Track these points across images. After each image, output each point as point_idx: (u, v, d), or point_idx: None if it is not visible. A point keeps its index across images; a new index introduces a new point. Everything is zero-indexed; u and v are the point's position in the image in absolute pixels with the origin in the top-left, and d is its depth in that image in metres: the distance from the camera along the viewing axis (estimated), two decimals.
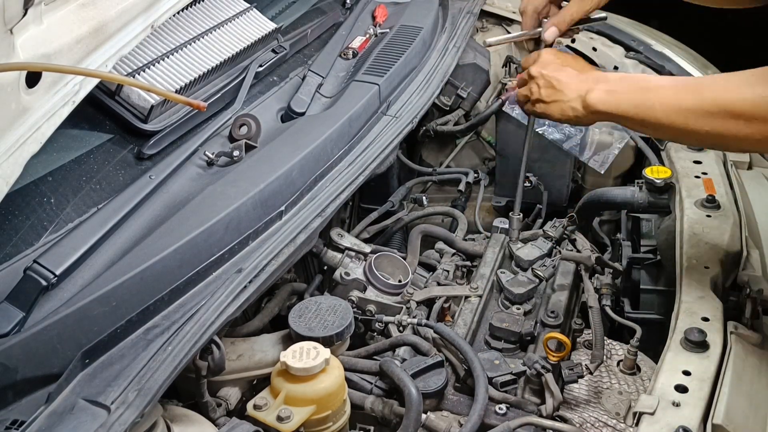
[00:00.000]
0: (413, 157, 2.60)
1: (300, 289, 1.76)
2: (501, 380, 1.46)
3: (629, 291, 1.89)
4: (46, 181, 1.41)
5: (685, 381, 1.28)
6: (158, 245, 1.36)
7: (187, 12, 1.88)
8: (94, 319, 1.23)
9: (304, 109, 1.91)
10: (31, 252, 1.30)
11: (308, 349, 1.32)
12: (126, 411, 1.14)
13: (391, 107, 2.06)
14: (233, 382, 1.45)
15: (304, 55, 2.16)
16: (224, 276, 1.43)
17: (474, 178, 2.33)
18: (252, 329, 1.60)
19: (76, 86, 1.31)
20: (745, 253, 1.61)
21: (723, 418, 1.19)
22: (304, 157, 1.67)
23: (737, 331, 1.39)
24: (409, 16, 2.39)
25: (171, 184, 1.55)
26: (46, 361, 1.19)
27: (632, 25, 2.66)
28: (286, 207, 1.61)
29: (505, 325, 1.59)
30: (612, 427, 1.47)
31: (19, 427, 1.10)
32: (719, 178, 1.87)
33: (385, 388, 1.47)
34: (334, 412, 1.32)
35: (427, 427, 1.39)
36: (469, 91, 2.53)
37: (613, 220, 2.34)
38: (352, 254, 1.83)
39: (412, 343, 1.54)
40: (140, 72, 1.66)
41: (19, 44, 1.21)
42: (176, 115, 1.65)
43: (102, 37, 1.40)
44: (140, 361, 1.23)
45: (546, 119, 1.62)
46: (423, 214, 2.20)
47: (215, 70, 1.80)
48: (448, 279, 1.84)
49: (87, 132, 1.55)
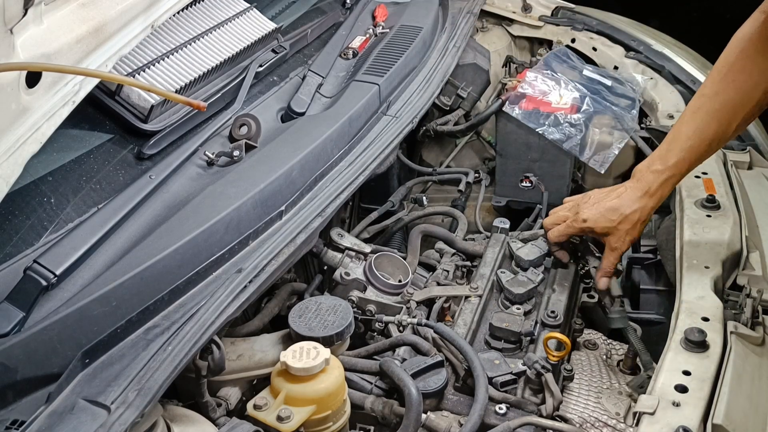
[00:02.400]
0: (413, 157, 2.60)
1: (300, 289, 1.76)
2: (501, 380, 1.46)
3: (629, 291, 1.89)
4: (46, 181, 1.41)
5: (685, 381, 1.28)
6: (158, 245, 1.36)
7: (187, 12, 1.88)
8: (94, 319, 1.23)
9: (304, 109, 1.91)
10: (31, 252, 1.30)
11: (308, 349, 1.31)
12: (126, 411, 1.14)
13: (391, 107, 2.06)
14: (233, 382, 1.45)
15: (304, 55, 2.16)
16: (224, 276, 1.43)
17: (474, 178, 2.33)
18: (252, 329, 1.60)
19: (76, 86, 1.31)
20: (745, 253, 1.61)
21: (723, 418, 1.19)
22: (304, 157, 1.67)
23: (737, 331, 1.39)
24: (409, 16, 2.39)
25: (171, 184, 1.55)
26: (46, 361, 1.19)
27: (632, 25, 2.66)
28: (286, 207, 1.61)
29: (505, 325, 1.59)
30: (612, 427, 1.47)
31: (19, 427, 1.10)
32: (719, 178, 1.87)
33: (385, 388, 1.47)
34: (334, 412, 1.32)
35: (427, 427, 1.39)
36: (469, 91, 2.53)
37: None
38: (352, 254, 1.83)
39: (412, 343, 1.54)
40: (140, 72, 1.66)
41: (19, 44, 1.21)
42: (176, 115, 1.65)
43: (102, 37, 1.40)
44: (140, 361, 1.23)
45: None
46: (423, 214, 2.20)
47: (215, 70, 1.80)
48: (448, 279, 1.83)
49: (87, 132, 1.55)
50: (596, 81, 2.40)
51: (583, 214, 1.68)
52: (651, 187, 1.62)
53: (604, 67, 2.57)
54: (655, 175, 1.61)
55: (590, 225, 1.68)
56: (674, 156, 1.60)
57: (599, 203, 1.67)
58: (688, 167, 1.61)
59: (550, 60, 2.46)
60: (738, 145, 2.17)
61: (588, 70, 2.46)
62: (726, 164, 1.99)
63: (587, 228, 1.69)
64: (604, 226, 1.66)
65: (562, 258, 1.76)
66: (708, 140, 1.57)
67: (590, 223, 1.67)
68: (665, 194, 1.64)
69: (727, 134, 1.58)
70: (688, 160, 1.59)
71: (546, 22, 2.74)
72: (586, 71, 2.45)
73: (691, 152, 1.59)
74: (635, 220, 1.63)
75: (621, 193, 1.65)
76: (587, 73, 2.44)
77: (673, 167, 1.60)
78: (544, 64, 2.44)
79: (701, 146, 1.58)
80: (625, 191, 1.65)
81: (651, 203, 1.63)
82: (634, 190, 1.64)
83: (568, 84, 2.34)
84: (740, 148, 2.11)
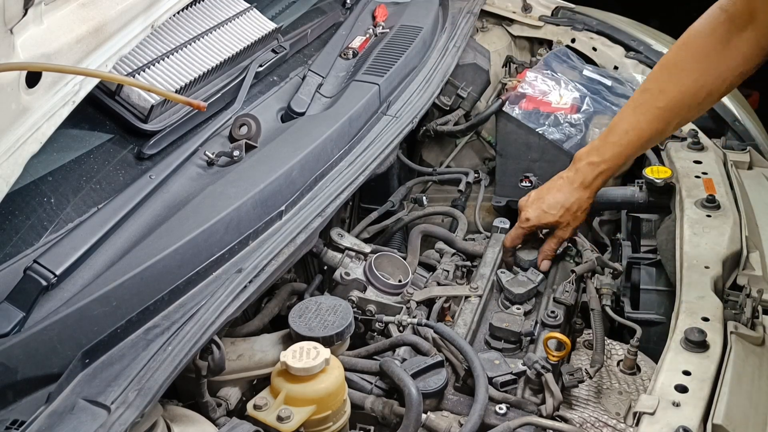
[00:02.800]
0: (413, 157, 2.60)
1: (300, 289, 1.76)
2: (501, 380, 1.46)
3: (629, 291, 1.89)
4: (46, 181, 1.41)
5: (685, 381, 1.28)
6: (158, 245, 1.36)
7: (187, 12, 1.88)
8: (94, 319, 1.23)
9: (304, 109, 1.91)
10: (31, 252, 1.29)
11: (308, 349, 1.31)
12: (126, 411, 1.14)
13: (391, 107, 2.06)
14: (233, 382, 1.45)
15: (304, 55, 2.16)
16: (224, 276, 1.43)
17: (474, 178, 2.33)
18: (252, 329, 1.60)
19: (76, 86, 1.31)
20: (745, 253, 1.61)
21: (723, 418, 1.19)
22: (304, 157, 1.67)
23: (737, 331, 1.39)
24: (409, 16, 2.39)
25: (171, 184, 1.55)
26: (46, 361, 1.18)
27: (632, 25, 2.66)
28: (286, 207, 1.61)
29: (505, 325, 1.59)
30: (612, 427, 1.47)
31: (19, 427, 1.10)
32: (719, 178, 1.87)
33: (385, 388, 1.47)
34: (334, 412, 1.32)
35: (427, 427, 1.39)
36: (469, 91, 2.53)
37: (613, 220, 2.34)
38: (352, 254, 1.83)
39: (412, 343, 1.54)
40: (140, 72, 1.66)
41: (19, 44, 1.21)
42: (176, 115, 1.65)
43: (102, 37, 1.40)
44: (140, 361, 1.23)
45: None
46: (423, 214, 2.20)
47: (215, 70, 1.80)
48: (448, 279, 1.83)
49: (87, 132, 1.55)
50: (596, 81, 2.40)
51: (525, 213, 1.77)
52: (586, 178, 1.72)
53: (604, 67, 2.57)
54: (591, 168, 1.71)
55: (534, 223, 1.76)
56: (610, 150, 1.67)
57: (539, 200, 1.76)
58: (624, 161, 1.70)
59: (550, 60, 2.46)
60: (738, 145, 2.17)
61: (588, 70, 2.47)
62: (726, 164, 1.99)
63: (532, 226, 1.77)
64: (547, 221, 1.75)
65: (544, 269, 1.80)
66: (646, 137, 1.64)
67: (534, 221, 1.76)
68: (599, 185, 1.74)
69: (666, 133, 1.65)
70: (623, 155, 1.67)
71: (546, 22, 2.74)
72: (586, 71, 2.45)
73: (627, 147, 1.66)
74: (575, 210, 1.73)
75: (560, 186, 1.75)
76: (587, 73, 2.45)
77: (609, 160, 1.68)
78: (544, 64, 2.44)
79: (638, 142, 1.65)
80: (563, 185, 1.74)
81: (587, 194, 1.73)
82: (571, 183, 1.73)
83: (568, 84, 2.34)
84: (740, 148, 2.11)
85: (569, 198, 1.73)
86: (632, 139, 1.64)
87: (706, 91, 1.53)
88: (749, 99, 2.87)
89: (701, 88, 1.54)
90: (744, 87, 1.76)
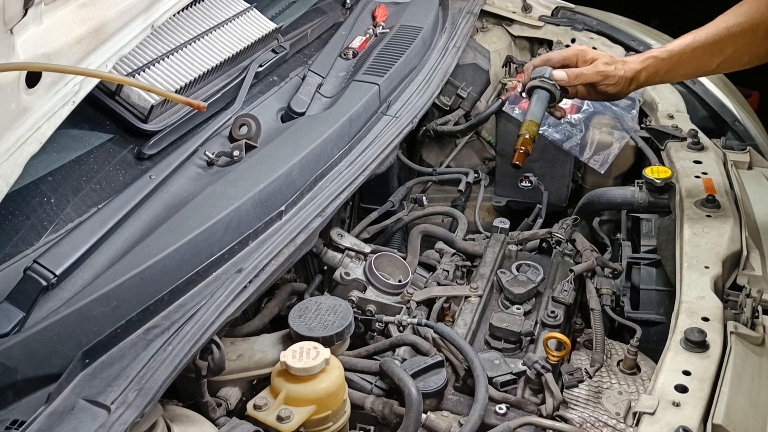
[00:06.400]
0: (413, 157, 2.60)
1: (300, 289, 1.76)
2: (501, 380, 1.46)
3: (629, 291, 1.89)
4: (46, 181, 1.41)
5: (685, 381, 1.28)
6: (158, 245, 1.36)
7: (187, 12, 1.88)
8: (94, 319, 1.23)
9: (304, 109, 1.91)
10: (31, 252, 1.30)
11: (308, 349, 1.32)
12: (126, 411, 1.14)
13: (391, 107, 2.06)
14: (233, 382, 1.45)
15: (304, 55, 2.16)
16: (224, 276, 1.43)
17: (474, 178, 2.33)
18: (252, 329, 1.60)
19: (76, 86, 1.31)
20: (745, 253, 1.61)
21: (723, 418, 1.19)
22: (304, 157, 1.67)
23: (737, 331, 1.39)
24: (409, 16, 2.39)
25: (171, 184, 1.55)
26: (46, 361, 1.19)
27: (632, 25, 2.66)
28: (286, 207, 1.61)
29: (505, 325, 1.59)
30: (612, 427, 1.47)
31: (19, 427, 1.10)
32: (719, 178, 1.87)
33: (385, 388, 1.47)
34: (334, 412, 1.32)
35: (427, 427, 1.39)
36: (469, 91, 2.53)
37: (613, 220, 2.34)
38: (352, 254, 1.83)
39: (412, 343, 1.54)
40: (140, 72, 1.66)
41: (19, 44, 1.21)
42: (176, 115, 1.65)
43: (102, 37, 1.40)
44: (140, 361, 1.23)
45: None
46: (423, 214, 2.20)
47: (215, 70, 1.80)
48: (448, 279, 1.83)
49: (87, 132, 1.55)
50: None
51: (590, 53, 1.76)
52: (635, 59, 1.74)
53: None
54: (635, 59, 1.74)
55: (575, 52, 1.76)
56: (660, 49, 1.73)
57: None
58: (667, 59, 1.71)
59: None
60: (738, 145, 2.17)
61: None
62: (726, 164, 1.99)
63: (572, 54, 1.75)
64: (602, 63, 1.73)
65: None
66: (698, 44, 1.67)
67: (592, 54, 1.75)
68: (640, 70, 1.71)
69: (713, 59, 1.68)
70: (671, 53, 1.70)
71: (546, 22, 2.74)
72: None
73: (676, 47, 1.70)
74: (620, 74, 1.71)
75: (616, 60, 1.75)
76: None
77: (656, 55, 1.72)
78: None
79: (688, 47, 1.68)
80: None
81: (628, 69, 1.71)
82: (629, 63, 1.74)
83: None
84: (740, 148, 2.11)
85: (615, 59, 1.74)
86: (685, 42, 1.68)
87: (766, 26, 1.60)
88: (749, 99, 2.88)
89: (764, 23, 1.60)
90: (744, 87, 1.76)
